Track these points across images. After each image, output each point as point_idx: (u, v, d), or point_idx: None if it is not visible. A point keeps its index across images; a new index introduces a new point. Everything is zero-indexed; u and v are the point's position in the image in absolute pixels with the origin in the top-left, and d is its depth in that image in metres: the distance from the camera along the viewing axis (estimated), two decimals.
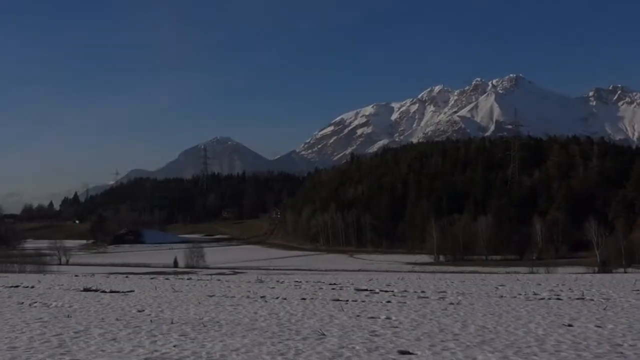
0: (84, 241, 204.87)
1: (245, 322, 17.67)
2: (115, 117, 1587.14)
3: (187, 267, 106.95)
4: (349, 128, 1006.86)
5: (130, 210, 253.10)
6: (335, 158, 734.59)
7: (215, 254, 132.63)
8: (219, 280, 47.68)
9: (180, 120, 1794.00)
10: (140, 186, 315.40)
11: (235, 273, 75.83)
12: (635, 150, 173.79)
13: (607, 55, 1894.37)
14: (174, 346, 13.16)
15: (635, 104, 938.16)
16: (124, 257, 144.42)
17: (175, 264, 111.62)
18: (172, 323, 17.24)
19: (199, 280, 48.03)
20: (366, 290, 31.53)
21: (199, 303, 24.64)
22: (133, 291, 31.93)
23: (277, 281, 42.74)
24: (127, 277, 54.02)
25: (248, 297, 27.90)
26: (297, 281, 42.21)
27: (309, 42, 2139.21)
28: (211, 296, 28.54)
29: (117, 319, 18.41)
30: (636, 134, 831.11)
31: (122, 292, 31.59)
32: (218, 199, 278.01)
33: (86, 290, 32.99)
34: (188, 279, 49.31)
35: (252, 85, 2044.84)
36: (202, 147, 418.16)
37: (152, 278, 51.11)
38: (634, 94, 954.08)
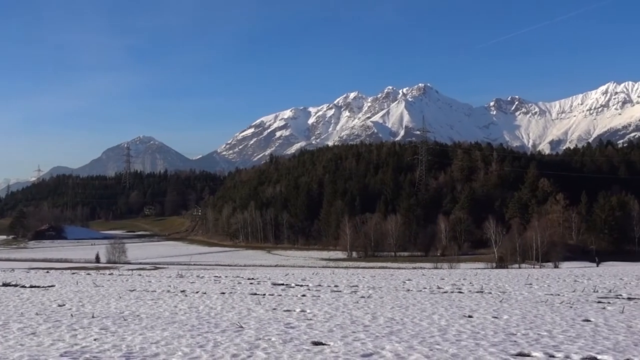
0: (4, 237, 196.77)
1: (165, 316, 17.35)
2: (39, 114, 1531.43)
3: (108, 262, 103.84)
4: (269, 130, 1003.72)
5: (52, 206, 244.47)
6: (255, 158, 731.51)
7: (136, 250, 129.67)
8: (140, 275, 46.63)
9: (103, 119, 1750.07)
10: (62, 183, 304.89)
11: (157, 268, 74.26)
12: (530, 156, 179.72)
13: (506, 69, 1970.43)
14: (95, 340, 12.79)
15: (530, 114, 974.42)
16: (45, 253, 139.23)
17: (97, 260, 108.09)
18: (93, 317, 16.75)
19: (120, 275, 46.85)
20: (282, 284, 31.51)
21: (120, 297, 24.03)
22: (54, 286, 30.82)
23: (197, 276, 42.15)
24: (48, 272, 51.99)
25: (168, 291, 27.40)
26: (216, 276, 41.76)
27: (232, 47, 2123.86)
28: (132, 291, 27.89)
29: (36, 314, 17.73)
30: (531, 141, 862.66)
31: (43, 287, 30.44)
32: (140, 196, 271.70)
33: (5, 285, 31.64)
34: (109, 274, 48.02)
35: (176, 87, 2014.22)
36: (126, 145, 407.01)
37: (73, 273, 49.47)
38: (530, 105, 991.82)
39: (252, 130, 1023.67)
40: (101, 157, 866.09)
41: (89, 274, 48.51)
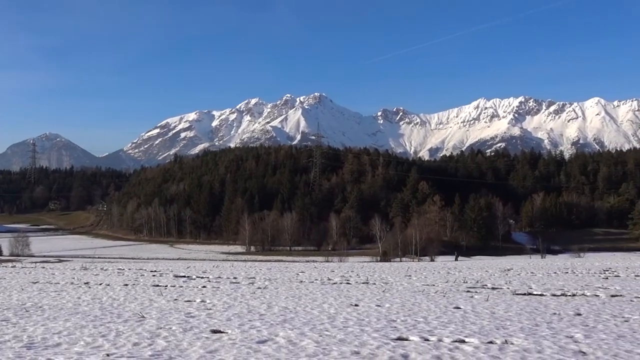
0: None
1: (68, 307, 16.58)
2: None
3: (11, 255, 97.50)
4: (174, 131, 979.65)
5: None
6: (160, 158, 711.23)
7: (41, 243, 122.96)
8: (43, 267, 44.33)
9: (9, 115, 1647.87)
10: None
11: (61, 261, 70.66)
12: (412, 162, 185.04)
13: (392, 83, 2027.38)
14: None
15: (412, 124, 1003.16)
16: None
17: (0, 252, 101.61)
18: None
19: (23, 267, 44.40)
20: (184, 276, 30.92)
21: (22, 289, 22.73)
22: None
23: (101, 269, 40.62)
24: None
25: (72, 283, 26.22)
26: (120, 269, 40.41)
27: (141, 51, 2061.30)
28: (35, 283, 26.47)
29: None
30: (412, 148, 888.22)
31: None
32: (45, 191, 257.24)
33: None
34: (12, 267, 45.38)
35: (84, 86, 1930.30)
36: (32, 141, 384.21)
37: None
38: (412, 115, 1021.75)
39: (157, 130, 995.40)
40: (6, 152, 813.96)
41: None
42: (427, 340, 11.14)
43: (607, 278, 27.27)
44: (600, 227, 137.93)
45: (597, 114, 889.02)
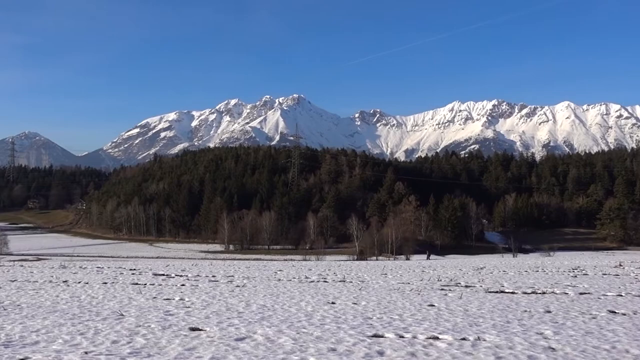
0: None
1: (46, 305, 16.35)
2: None
3: None
4: (154, 131, 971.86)
5: None
6: (140, 157, 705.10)
7: (19, 242, 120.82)
8: (22, 266, 43.67)
9: None
10: None
11: (39, 259, 69.46)
12: (388, 163, 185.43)
13: (370, 86, 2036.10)
14: None
15: (389, 125, 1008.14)
16: None
17: None
18: None
19: (1, 266, 43.66)
20: (163, 275, 30.69)
21: (0, 288, 22.37)
22: None
23: (80, 267, 40.13)
24: None
25: (51, 281, 25.86)
26: (99, 267, 39.98)
27: (121, 51, 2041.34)
28: (13, 281, 26.05)
29: None
30: (389, 149, 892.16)
31: None
32: (24, 190, 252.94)
33: None
34: None
35: (65, 85, 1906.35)
36: (10, 140, 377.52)
37: None
38: (389, 117, 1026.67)
39: (137, 130, 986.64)
40: None
41: None
42: (402, 337, 11.20)
43: (575, 276, 27.65)
44: (569, 227, 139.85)
45: (567, 118, 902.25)
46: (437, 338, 11.05)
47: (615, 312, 14.62)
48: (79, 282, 25.16)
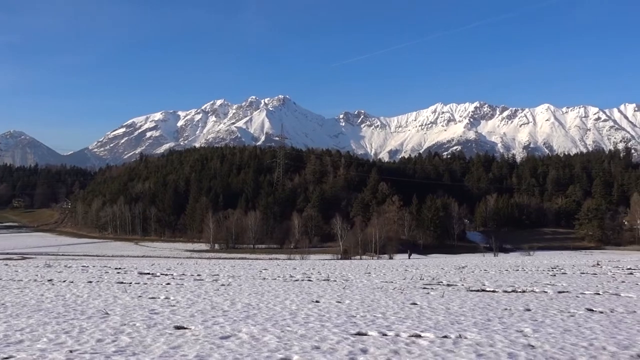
0: None
1: (31, 304, 16.18)
2: None
3: None
4: (139, 131, 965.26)
5: None
6: (126, 157, 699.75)
7: (3, 240, 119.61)
8: (6, 265, 43.14)
9: None
10: None
11: (24, 258, 68.69)
12: (372, 163, 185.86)
13: (354, 87, 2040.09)
14: None
15: (373, 126, 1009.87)
16: None
17: None
18: None
19: None
20: (148, 274, 30.52)
21: None
22: None
23: (65, 266, 39.75)
24: None
25: (35, 280, 25.59)
26: (84, 266, 39.64)
27: (107, 51, 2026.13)
28: None
29: None
30: (373, 150, 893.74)
31: None
32: (9, 189, 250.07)
33: None
34: None
35: (50, 85, 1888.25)
36: None
37: None
38: (373, 118, 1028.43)
39: (123, 129, 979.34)
40: None
41: None
42: (385, 335, 11.24)
43: (554, 275, 27.92)
44: (549, 227, 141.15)
45: (547, 120, 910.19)
46: (419, 336, 11.10)
47: (593, 310, 14.79)
48: (64, 281, 24.93)
